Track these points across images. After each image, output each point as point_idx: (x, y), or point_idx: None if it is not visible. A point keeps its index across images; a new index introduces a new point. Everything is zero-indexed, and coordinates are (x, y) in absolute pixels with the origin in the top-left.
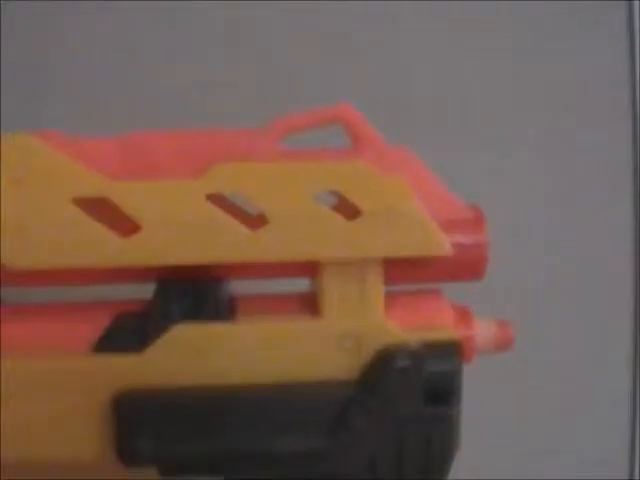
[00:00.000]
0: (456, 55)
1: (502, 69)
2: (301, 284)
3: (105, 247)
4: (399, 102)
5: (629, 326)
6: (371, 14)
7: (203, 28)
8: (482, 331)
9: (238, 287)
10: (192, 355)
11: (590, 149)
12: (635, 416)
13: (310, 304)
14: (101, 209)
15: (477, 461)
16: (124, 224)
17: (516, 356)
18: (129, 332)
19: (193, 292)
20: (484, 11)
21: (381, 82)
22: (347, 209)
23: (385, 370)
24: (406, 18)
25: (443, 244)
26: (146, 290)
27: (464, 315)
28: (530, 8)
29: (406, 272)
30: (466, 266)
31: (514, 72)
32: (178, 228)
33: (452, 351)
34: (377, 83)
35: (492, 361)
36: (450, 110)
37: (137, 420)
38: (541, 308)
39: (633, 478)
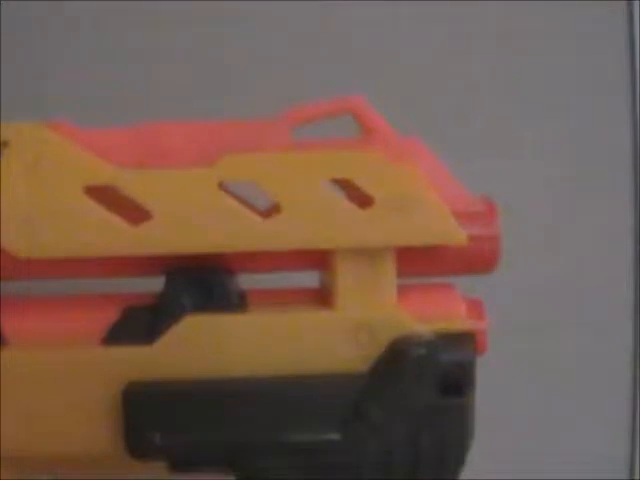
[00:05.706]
0: (456, 55)
1: (502, 69)
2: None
3: (116, 236)
4: (398, 102)
5: (629, 326)
6: (372, 14)
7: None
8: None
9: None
10: (203, 347)
11: (590, 149)
12: (635, 416)
13: (321, 297)
14: (112, 198)
15: (476, 461)
16: (135, 213)
17: (516, 356)
18: (139, 324)
19: (203, 283)
20: (484, 11)
21: (381, 82)
22: (360, 198)
23: (399, 360)
24: (406, 18)
25: (459, 233)
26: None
27: (476, 307)
28: (530, 8)
29: (418, 265)
30: (479, 259)
31: (514, 72)
32: (189, 216)
33: (466, 341)
34: (377, 83)
35: (491, 361)
36: (450, 110)
37: (147, 413)
38: (541, 308)
39: (633, 478)
